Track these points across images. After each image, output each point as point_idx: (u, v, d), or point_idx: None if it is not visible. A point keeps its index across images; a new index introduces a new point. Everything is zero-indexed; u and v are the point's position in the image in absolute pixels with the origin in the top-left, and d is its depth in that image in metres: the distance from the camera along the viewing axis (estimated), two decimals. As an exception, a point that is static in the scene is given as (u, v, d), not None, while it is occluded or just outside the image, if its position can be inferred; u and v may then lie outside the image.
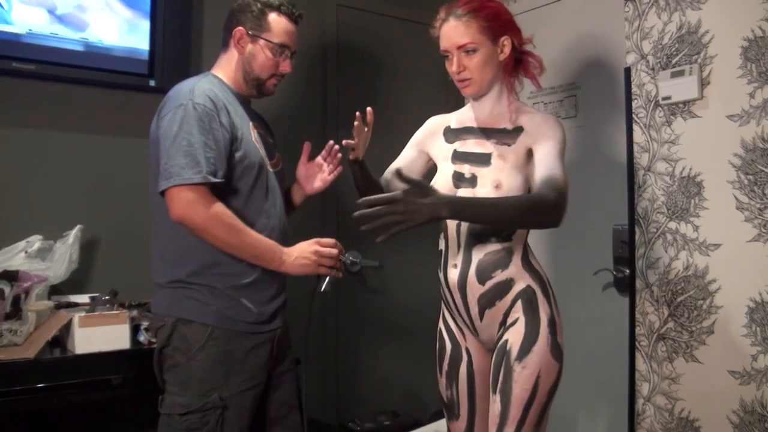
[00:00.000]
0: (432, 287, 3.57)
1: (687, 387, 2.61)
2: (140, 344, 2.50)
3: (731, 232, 2.48)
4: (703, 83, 2.55)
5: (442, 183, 2.15)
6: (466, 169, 2.12)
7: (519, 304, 2.03)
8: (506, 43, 2.09)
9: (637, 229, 2.77)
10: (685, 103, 2.60)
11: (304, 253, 2.08)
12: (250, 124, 2.17)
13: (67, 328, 2.41)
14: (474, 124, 2.19)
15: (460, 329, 2.22)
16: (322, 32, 3.30)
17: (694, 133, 2.59)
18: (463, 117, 2.26)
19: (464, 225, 2.09)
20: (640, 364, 2.76)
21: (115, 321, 2.47)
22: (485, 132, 2.15)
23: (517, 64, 2.17)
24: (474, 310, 2.10)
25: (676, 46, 2.64)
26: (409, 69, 3.57)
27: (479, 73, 2.08)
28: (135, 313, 2.53)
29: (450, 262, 2.14)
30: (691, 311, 2.60)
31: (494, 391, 2.03)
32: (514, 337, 2.01)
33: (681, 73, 2.57)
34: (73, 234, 2.57)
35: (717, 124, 2.51)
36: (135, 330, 2.50)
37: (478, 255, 2.07)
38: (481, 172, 2.08)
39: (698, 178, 2.58)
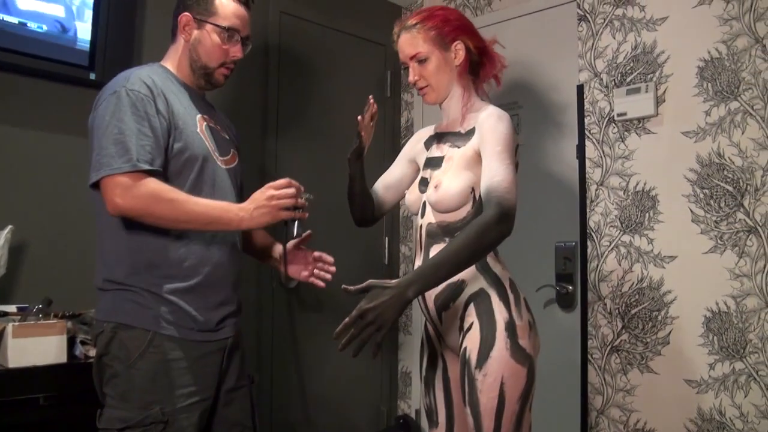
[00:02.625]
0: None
1: (642, 398, 2.65)
2: (76, 358, 2.27)
3: (687, 245, 2.56)
4: (659, 101, 2.64)
5: (412, 189, 2.20)
6: (428, 174, 2.14)
7: (472, 307, 1.98)
8: (459, 47, 2.11)
9: (588, 243, 2.81)
10: (640, 119, 2.69)
11: (259, 202, 1.88)
12: (198, 116, 2.01)
13: (-2, 339, 2.13)
14: (438, 131, 2.22)
15: (438, 336, 2.16)
16: (265, 39, 3.19)
17: (649, 149, 2.67)
18: (440, 124, 2.26)
19: (423, 227, 2.08)
20: (593, 377, 2.78)
21: (52, 331, 2.22)
22: (443, 136, 2.17)
23: (477, 66, 2.18)
24: (433, 312, 2.06)
25: (631, 65, 2.73)
26: (346, 79, 3.53)
27: (434, 79, 2.10)
28: (70, 324, 2.28)
29: (415, 264, 2.11)
30: (645, 323, 2.65)
31: (464, 403, 1.96)
32: (472, 343, 1.95)
33: (637, 90, 2.66)
34: (3, 235, 2.29)
35: (672, 140, 2.61)
36: (70, 343, 2.26)
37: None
38: (432, 174, 2.11)
39: (653, 193, 2.65)
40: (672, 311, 2.59)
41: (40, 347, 2.16)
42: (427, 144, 2.25)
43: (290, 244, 2.17)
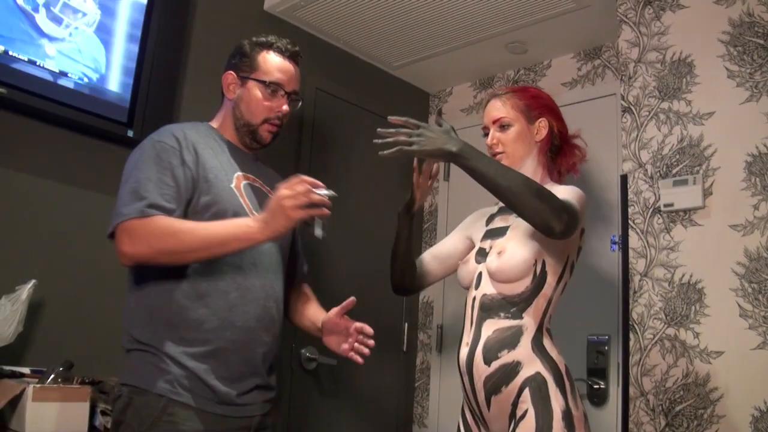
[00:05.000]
0: (394, 389, 3.44)
1: (687, 501, 2.52)
2: (96, 430, 2.13)
3: (734, 340, 2.49)
4: (705, 193, 2.63)
5: (467, 260, 2.15)
6: (488, 245, 2.09)
7: (527, 392, 1.87)
8: (543, 124, 2.16)
9: (631, 335, 2.74)
10: (686, 211, 2.67)
11: (272, 208, 1.73)
12: (239, 173, 1.96)
13: (14, 403, 1.99)
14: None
15: (477, 423, 2.04)
16: (301, 112, 3.18)
17: (695, 241, 2.64)
18: None
19: (477, 299, 2.00)
20: (633, 478, 2.65)
21: (76, 397, 2.10)
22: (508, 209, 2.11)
23: (556, 151, 2.21)
24: (480, 395, 1.94)
25: (677, 157, 2.73)
26: (374, 160, 3.49)
27: (511, 147, 2.12)
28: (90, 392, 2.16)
29: (464, 340, 2.02)
30: (690, 421, 2.54)
31: None
32: None
33: (685, 182, 2.65)
34: (26, 290, 2.19)
35: (719, 232, 2.58)
36: (90, 412, 2.13)
37: (487, 332, 1.96)
38: (495, 243, 2.06)
39: (699, 285, 2.60)
40: (718, 409, 2.49)
41: (61, 414, 2.03)
42: (489, 220, 2.21)
43: (333, 312, 2.02)
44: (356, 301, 1.96)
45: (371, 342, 2.02)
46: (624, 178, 2.84)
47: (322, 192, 1.76)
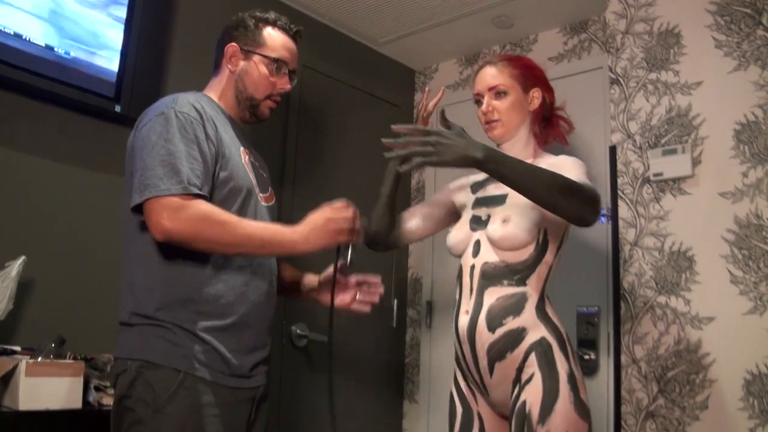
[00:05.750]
0: (384, 366, 3.44)
1: (680, 465, 2.56)
2: (89, 405, 2.11)
3: (725, 306, 2.52)
4: (694, 162, 2.65)
5: (459, 227, 2.14)
6: (483, 212, 2.09)
7: (533, 357, 1.89)
8: (536, 94, 2.17)
9: (622, 304, 2.76)
10: (676, 180, 2.69)
11: (316, 224, 1.78)
12: (242, 149, 1.95)
13: (6, 379, 1.97)
14: None
15: (472, 390, 2.06)
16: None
17: (685, 210, 2.66)
18: None
19: (478, 266, 2.00)
20: (626, 444, 2.68)
21: (69, 372, 2.08)
22: None
23: (547, 123, 2.23)
24: (483, 362, 1.94)
25: (666, 127, 2.76)
26: (361, 137, 3.55)
27: (507, 115, 2.11)
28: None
29: (462, 308, 2.02)
30: (683, 386, 2.58)
31: None
32: (533, 396, 1.85)
33: (674, 151, 2.67)
34: (15, 267, 2.15)
35: (709, 201, 2.61)
36: (84, 388, 2.12)
37: (489, 299, 1.96)
38: (494, 211, 2.05)
39: (689, 253, 2.63)
40: (711, 374, 2.52)
41: (54, 389, 2.00)
42: (477, 187, 2.21)
43: (330, 271, 2.04)
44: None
45: (380, 289, 2.07)
46: (613, 149, 2.86)
47: (360, 220, 1.84)
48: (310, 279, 2.14)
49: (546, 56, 3.22)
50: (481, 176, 2.21)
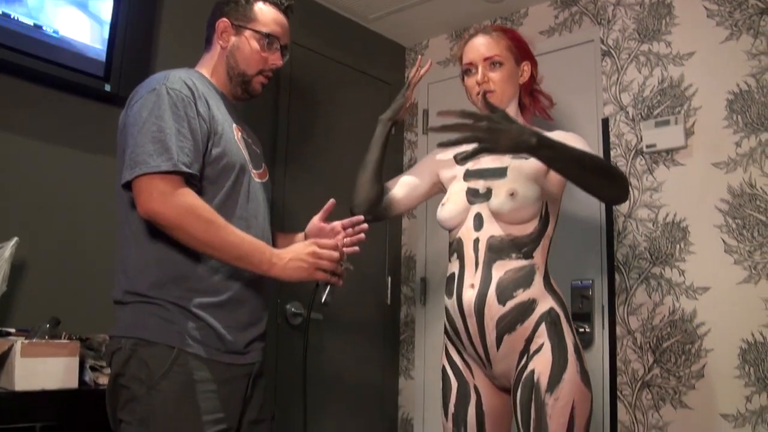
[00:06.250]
0: (379, 343, 3.44)
1: (676, 435, 2.57)
2: (86, 385, 2.10)
3: (720, 275, 2.53)
4: (687, 133, 2.65)
5: (453, 199, 2.09)
6: (481, 185, 2.05)
7: (543, 327, 1.90)
8: (526, 68, 2.17)
9: (616, 276, 2.77)
10: (669, 151, 2.69)
11: (299, 254, 1.78)
12: (234, 125, 1.93)
13: (2, 360, 1.96)
14: None
15: (467, 365, 2.04)
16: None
17: (678, 181, 2.67)
18: None
19: (483, 240, 1.98)
20: (623, 415, 2.69)
21: (64, 352, 2.06)
22: None
23: (531, 98, 2.23)
24: (491, 336, 1.93)
25: (658, 98, 2.75)
26: (351, 114, 3.51)
27: (501, 86, 2.09)
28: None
29: (466, 283, 1.98)
30: (678, 356, 2.59)
31: (525, 430, 1.85)
32: (542, 365, 1.86)
33: (666, 123, 2.67)
34: (9, 248, 2.13)
35: (702, 171, 2.61)
36: (80, 368, 2.10)
37: (498, 273, 1.95)
38: (495, 183, 2.02)
39: (683, 224, 2.64)
40: (706, 343, 2.54)
41: (50, 370, 1.99)
42: (463, 159, 2.15)
43: (315, 219, 2.03)
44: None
45: (364, 226, 2.00)
46: (605, 122, 2.85)
47: (345, 264, 1.84)
48: (299, 237, 2.12)
49: (537, 30, 3.20)
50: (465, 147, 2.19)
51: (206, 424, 1.68)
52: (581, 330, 2.89)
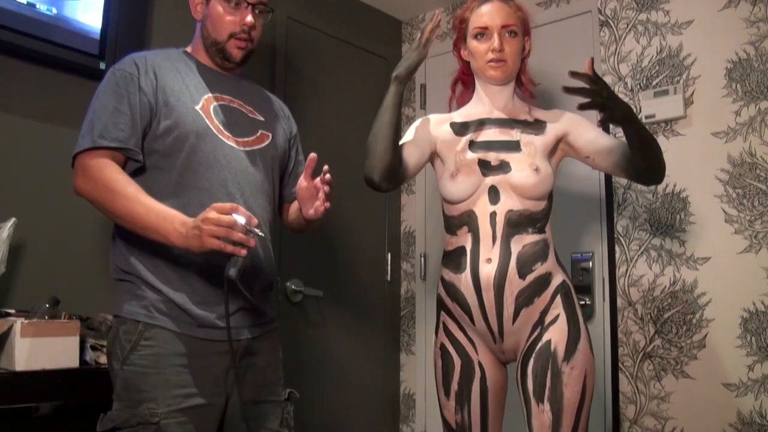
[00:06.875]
0: (379, 319, 3.45)
1: (678, 405, 2.57)
2: (87, 364, 2.10)
3: (721, 245, 2.53)
4: (686, 103, 2.64)
5: (467, 172, 2.00)
6: (492, 157, 2.00)
7: (558, 299, 1.94)
8: (528, 44, 2.14)
9: (616, 248, 2.77)
10: (668, 122, 2.67)
11: (196, 221, 1.60)
12: (208, 95, 1.89)
13: (2, 340, 1.95)
14: (490, 116, 2.10)
15: (471, 341, 2.02)
16: (273, 41, 3.12)
17: (677, 151, 2.65)
18: (469, 112, 2.14)
19: (500, 214, 1.95)
20: (624, 386, 2.70)
21: (65, 332, 2.06)
22: (507, 122, 2.07)
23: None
24: (509, 309, 1.92)
25: (657, 68, 2.73)
26: (348, 89, 3.49)
27: (513, 58, 2.05)
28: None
29: (482, 257, 1.94)
30: (679, 326, 2.59)
31: (541, 400, 1.85)
32: (558, 335, 1.89)
33: (665, 93, 2.65)
34: (6, 228, 2.12)
35: (702, 141, 2.59)
36: (80, 348, 2.10)
37: (517, 247, 1.94)
38: (512, 157, 1.99)
39: (683, 194, 2.63)
40: (707, 313, 2.54)
41: (51, 349, 1.99)
42: (455, 128, 2.10)
43: (300, 180, 1.87)
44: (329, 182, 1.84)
45: (327, 177, 1.82)
46: (604, 93, 2.83)
47: (251, 231, 1.60)
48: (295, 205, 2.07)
49: (534, 1, 3.17)
50: (459, 117, 2.14)
51: (175, 397, 1.68)
52: (582, 302, 2.89)
